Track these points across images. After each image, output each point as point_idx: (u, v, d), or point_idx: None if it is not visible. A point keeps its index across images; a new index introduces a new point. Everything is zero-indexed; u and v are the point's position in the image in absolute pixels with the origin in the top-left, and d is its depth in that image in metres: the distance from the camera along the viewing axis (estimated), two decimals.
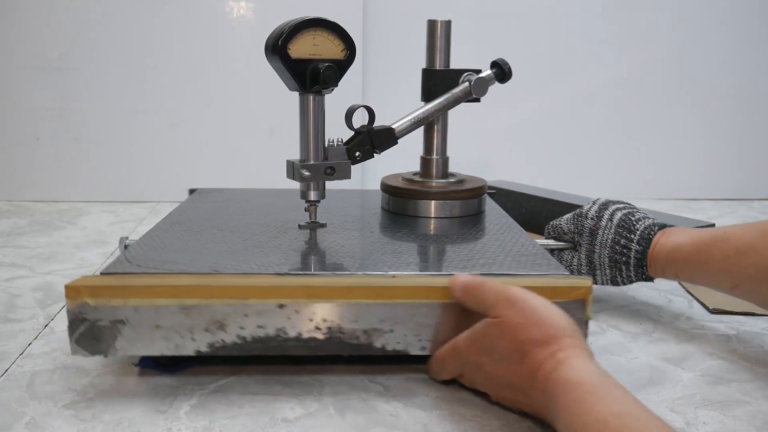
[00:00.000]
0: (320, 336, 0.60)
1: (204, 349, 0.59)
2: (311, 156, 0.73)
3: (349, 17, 1.44)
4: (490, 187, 0.98)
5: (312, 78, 0.70)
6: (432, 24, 0.85)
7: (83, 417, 0.57)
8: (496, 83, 0.86)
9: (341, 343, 0.60)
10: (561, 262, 0.80)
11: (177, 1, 1.41)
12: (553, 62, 1.57)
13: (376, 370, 0.66)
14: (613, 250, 0.75)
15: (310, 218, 0.76)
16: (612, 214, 0.77)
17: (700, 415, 0.60)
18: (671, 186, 1.62)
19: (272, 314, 0.59)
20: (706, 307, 0.86)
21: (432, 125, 0.86)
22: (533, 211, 1.16)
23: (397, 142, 0.79)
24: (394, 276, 0.62)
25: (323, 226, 0.77)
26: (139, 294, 0.58)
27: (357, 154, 0.77)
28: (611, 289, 0.93)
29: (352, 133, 0.77)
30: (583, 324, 0.61)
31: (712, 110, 1.61)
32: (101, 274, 0.60)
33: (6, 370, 0.66)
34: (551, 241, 0.81)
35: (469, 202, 0.85)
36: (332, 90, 0.72)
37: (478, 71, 0.84)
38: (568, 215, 0.81)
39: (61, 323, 0.77)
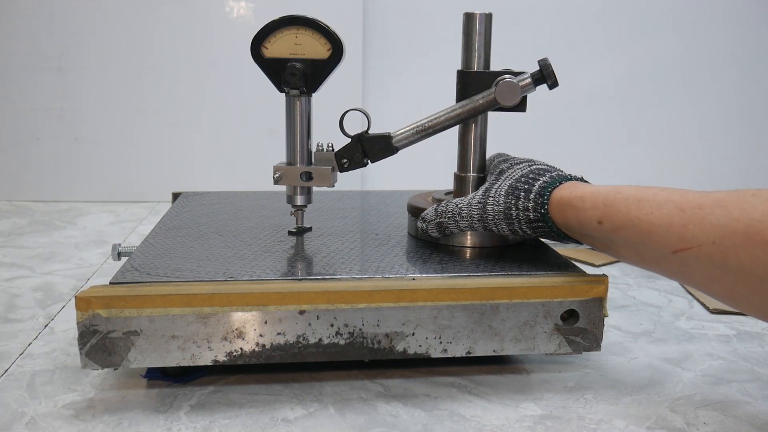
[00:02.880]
0: (341, 341, 0.59)
1: (222, 358, 0.58)
2: (297, 159, 0.71)
3: (349, 17, 1.44)
4: None
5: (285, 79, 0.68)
6: (469, 18, 0.72)
7: (83, 417, 0.57)
8: (542, 88, 0.73)
9: (363, 348, 0.60)
10: (443, 205, 0.69)
11: (177, 1, 1.41)
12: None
13: (376, 370, 0.66)
14: (517, 181, 0.65)
15: (297, 223, 0.75)
16: (529, 164, 0.68)
17: (700, 415, 0.60)
18: (671, 186, 1.62)
19: (292, 320, 0.58)
20: (706, 307, 0.86)
21: (467, 137, 0.74)
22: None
23: (395, 152, 0.72)
24: (414, 278, 0.61)
25: (309, 229, 0.76)
26: (154, 304, 0.56)
27: (344, 161, 0.72)
28: (611, 289, 0.92)
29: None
30: (600, 321, 0.62)
31: (712, 110, 1.61)
32: (110, 283, 0.59)
33: (6, 370, 0.66)
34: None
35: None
36: (306, 91, 0.69)
37: (519, 74, 0.71)
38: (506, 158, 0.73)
39: (61, 323, 0.77)
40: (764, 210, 0.49)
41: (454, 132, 0.76)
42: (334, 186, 0.73)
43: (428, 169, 1.26)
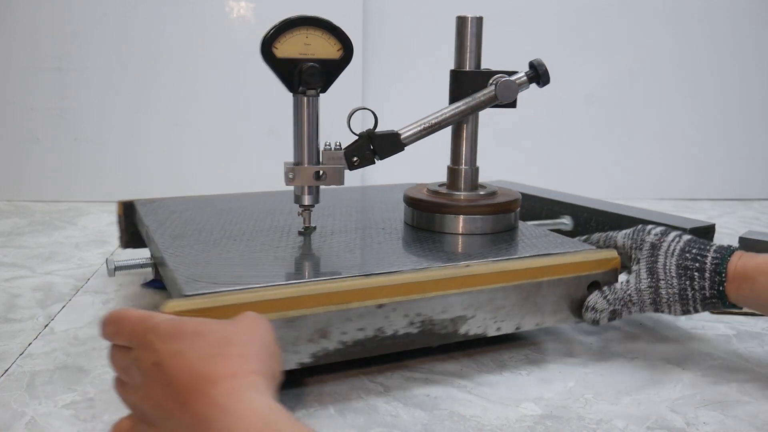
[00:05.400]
0: (414, 330, 0.62)
1: (306, 360, 0.58)
2: (304, 159, 0.71)
3: (349, 17, 1.45)
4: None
5: (299, 78, 0.68)
6: (461, 21, 0.76)
7: (83, 417, 0.57)
8: (534, 87, 0.77)
9: (432, 334, 0.63)
10: (609, 291, 0.68)
11: (177, 1, 1.41)
12: (552, 61, 1.56)
13: (375, 370, 0.67)
14: (682, 257, 0.65)
15: (304, 222, 0.74)
16: (679, 235, 0.68)
17: (700, 415, 0.60)
18: (671, 186, 1.62)
19: (372, 315, 0.60)
20: None
21: (460, 132, 0.78)
22: (533, 212, 1.16)
23: (402, 149, 0.74)
24: (467, 265, 0.65)
25: (313, 229, 0.76)
26: (240, 312, 0.53)
27: (354, 159, 0.73)
28: None
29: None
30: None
31: (712, 110, 1.61)
32: (185, 296, 0.55)
33: (6, 370, 0.66)
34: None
35: (502, 217, 0.77)
36: (319, 91, 0.69)
37: (512, 73, 0.76)
38: (625, 230, 0.72)
39: (61, 323, 0.77)
40: None
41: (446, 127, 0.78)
42: (343, 184, 0.74)
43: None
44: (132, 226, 0.90)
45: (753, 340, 0.76)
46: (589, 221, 1.08)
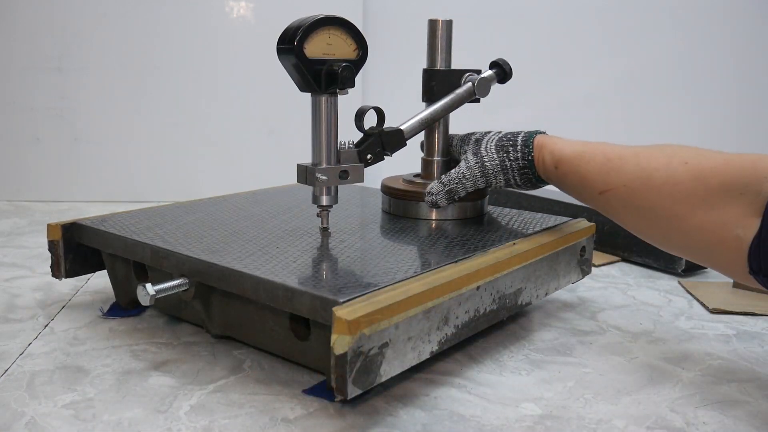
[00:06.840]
0: (495, 307, 0.67)
1: (435, 348, 0.60)
2: (324, 159, 0.71)
3: (348, 17, 1.44)
4: None
5: (328, 78, 0.68)
6: (433, 24, 0.83)
7: (83, 417, 0.57)
8: (496, 83, 0.84)
9: (504, 308, 0.69)
10: (444, 177, 0.79)
11: (177, 1, 1.41)
12: (552, 61, 1.57)
13: None
14: (499, 140, 0.77)
15: (322, 223, 0.74)
16: (498, 132, 0.79)
17: (700, 415, 0.60)
18: None
19: (473, 297, 0.64)
20: (706, 307, 0.86)
21: (433, 127, 0.84)
22: (533, 211, 1.16)
23: (406, 144, 0.77)
24: (515, 244, 0.72)
25: (326, 229, 0.75)
26: (399, 309, 0.55)
27: (369, 156, 0.74)
28: (611, 289, 0.93)
29: (359, 134, 0.75)
30: (591, 251, 0.84)
31: (713, 110, 1.61)
32: (344, 302, 0.54)
33: (6, 370, 0.66)
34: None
35: (471, 205, 0.83)
36: (347, 91, 0.70)
37: (479, 71, 0.83)
38: (461, 134, 0.84)
39: (61, 323, 0.77)
40: (663, 162, 0.63)
41: None
42: (363, 181, 0.75)
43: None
44: (75, 250, 0.80)
45: (753, 340, 0.76)
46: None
